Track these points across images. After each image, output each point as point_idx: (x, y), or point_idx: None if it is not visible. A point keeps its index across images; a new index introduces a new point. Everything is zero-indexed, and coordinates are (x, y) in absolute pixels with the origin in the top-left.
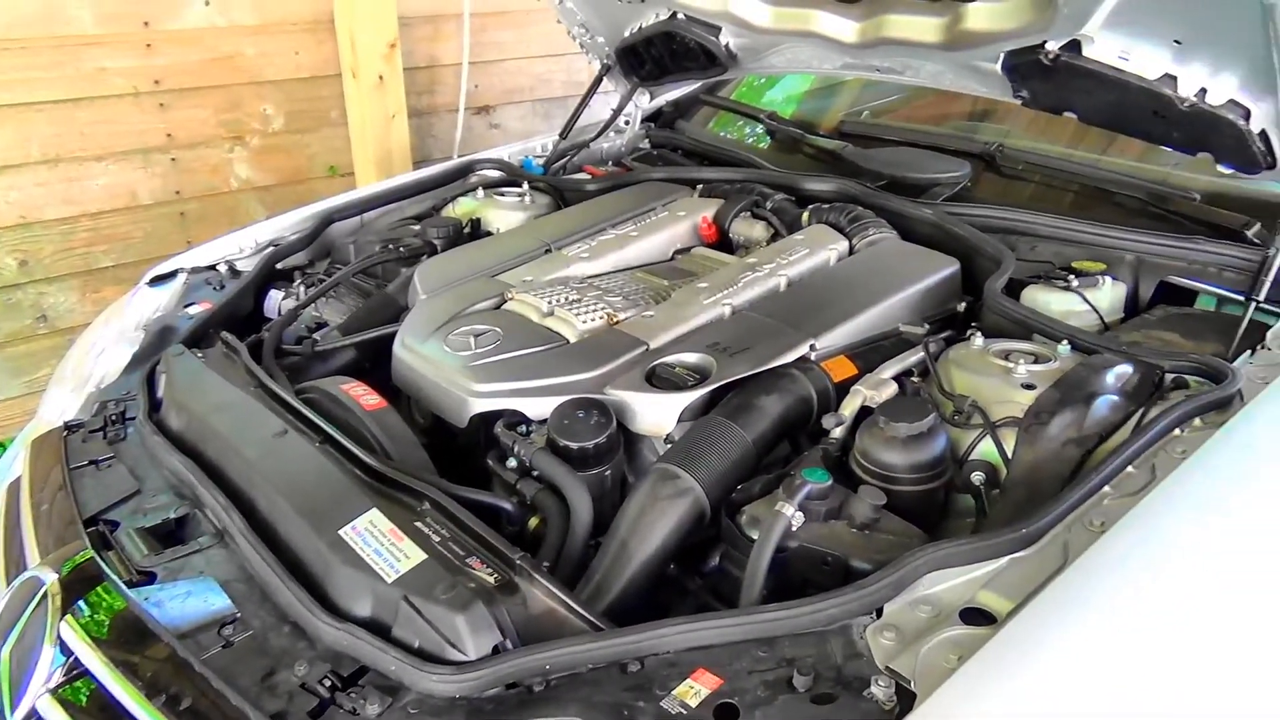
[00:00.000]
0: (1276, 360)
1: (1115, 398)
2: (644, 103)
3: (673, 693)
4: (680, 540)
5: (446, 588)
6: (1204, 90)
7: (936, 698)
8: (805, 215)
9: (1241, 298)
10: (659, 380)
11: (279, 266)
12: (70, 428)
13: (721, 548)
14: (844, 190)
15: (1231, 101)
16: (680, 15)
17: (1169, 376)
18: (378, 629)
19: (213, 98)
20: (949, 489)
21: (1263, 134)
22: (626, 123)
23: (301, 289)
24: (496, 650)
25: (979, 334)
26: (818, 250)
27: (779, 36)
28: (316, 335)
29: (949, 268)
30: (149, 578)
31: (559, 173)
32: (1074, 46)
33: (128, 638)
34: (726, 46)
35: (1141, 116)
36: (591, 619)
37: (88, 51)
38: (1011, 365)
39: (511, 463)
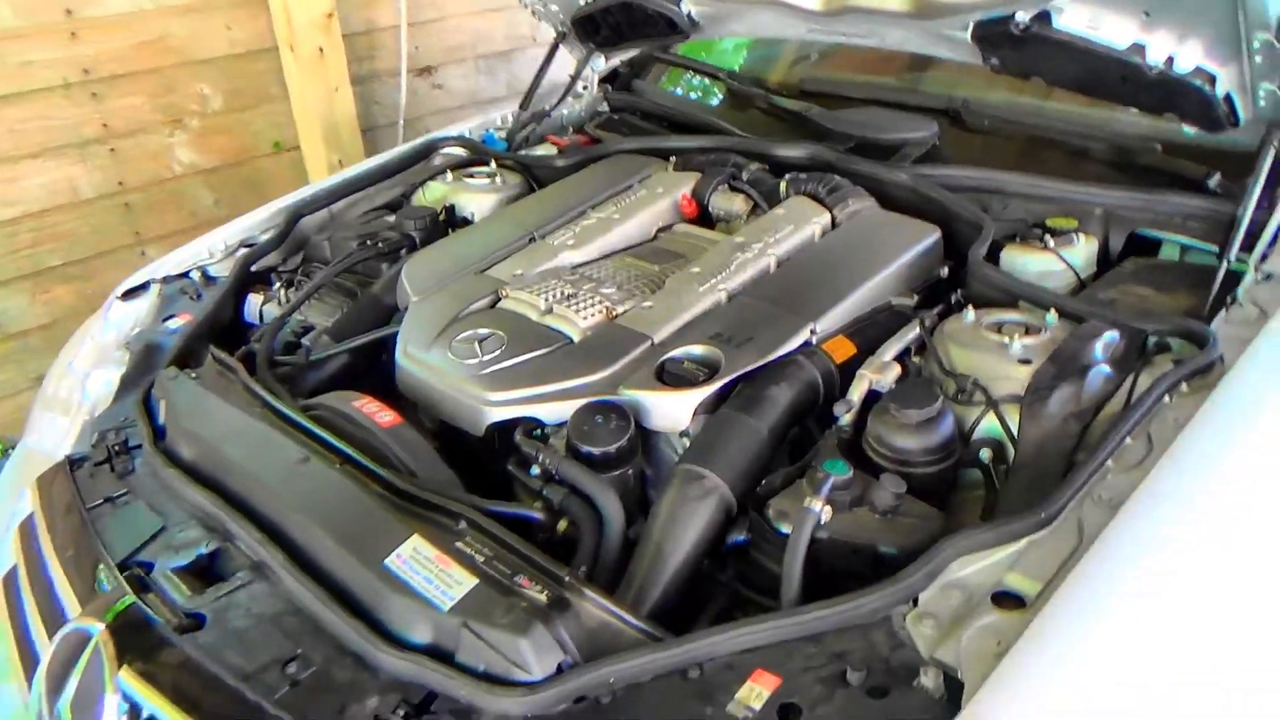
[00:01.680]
0: (1251, 317)
1: (1107, 369)
2: (599, 65)
3: (735, 696)
4: (711, 537)
5: (504, 612)
6: (1171, 58)
7: (988, 689)
8: (783, 186)
9: (1211, 249)
10: (669, 377)
11: (253, 269)
12: (74, 462)
13: (740, 529)
14: (818, 157)
15: (1198, 68)
16: None
17: (1151, 340)
18: (439, 655)
19: (146, 83)
20: (957, 465)
21: (1227, 97)
22: (585, 88)
23: (281, 292)
24: (561, 668)
25: (970, 307)
26: (802, 226)
27: (742, 4)
28: (305, 340)
29: (931, 236)
30: (197, 619)
31: (522, 144)
32: (1044, 17)
33: (190, 682)
34: (689, 15)
35: (1109, 82)
36: (649, 630)
37: (10, 46)
38: (1006, 340)
39: (535, 470)
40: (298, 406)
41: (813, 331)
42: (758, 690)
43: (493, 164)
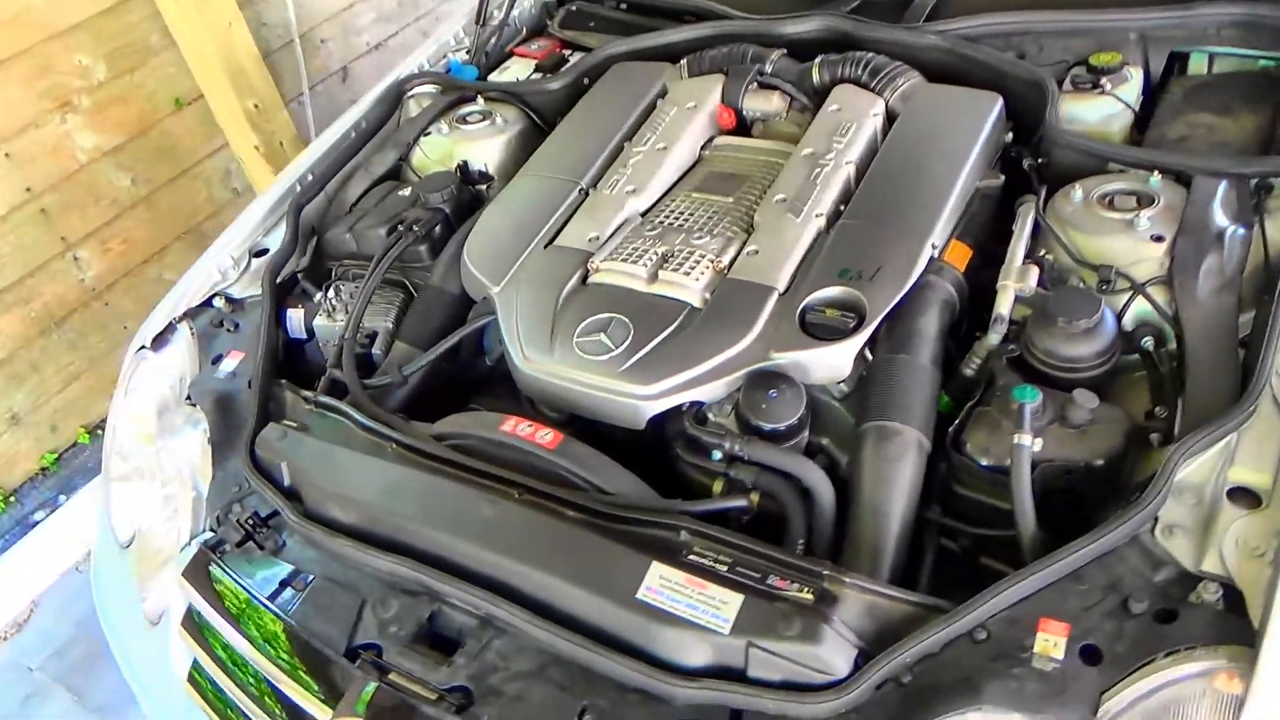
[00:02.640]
0: None
1: (1240, 229)
2: None
3: (1034, 650)
4: (920, 485)
5: (786, 623)
6: None
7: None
8: (815, 73)
9: (1251, 54)
10: (817, 329)
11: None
12: (214, 548)
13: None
14: (833, 28)
15: None
16: None
17: (1253, 182)
18: (726, 675)
19: (19, 68)
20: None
21: None
22: None
23: (327, 301)
24: (858, 661)
25: (1078, 186)
26: (863, 121)
27: None
28: (374, 351)
29: (995, 105)
30: (463, 692)
31: (485, 61)
32: None
33: None
34: None
35: None
36: (912, 599)
37: None
38: (1130, 217)
39: (717, 454)
40: (430, 439)
41: (934, 246)
42: (1053, 640)
43: (480, 100)
